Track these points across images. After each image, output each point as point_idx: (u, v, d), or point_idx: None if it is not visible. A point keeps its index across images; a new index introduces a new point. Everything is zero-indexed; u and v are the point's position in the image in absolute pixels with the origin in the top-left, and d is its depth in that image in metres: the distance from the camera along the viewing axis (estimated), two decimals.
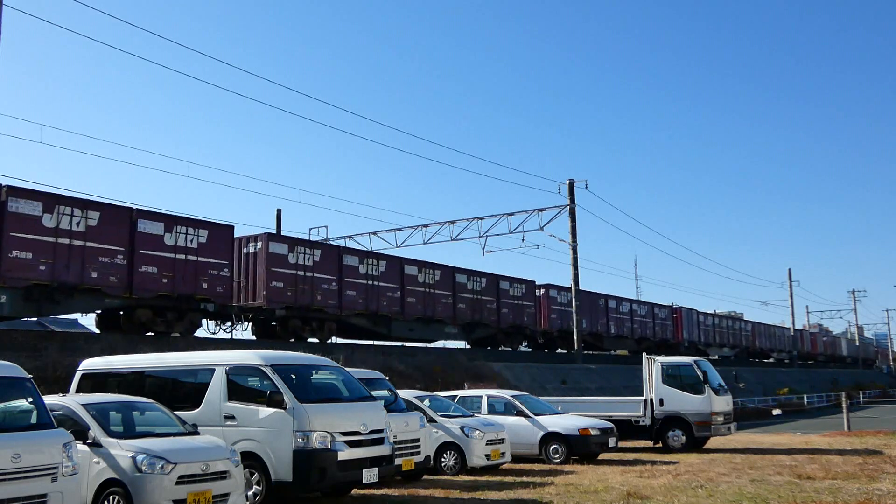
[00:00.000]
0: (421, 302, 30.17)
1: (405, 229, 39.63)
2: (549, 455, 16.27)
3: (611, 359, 42.91)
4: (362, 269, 27.63)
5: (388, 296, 28.59)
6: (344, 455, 10.12)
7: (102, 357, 12.70)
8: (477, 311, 33.42)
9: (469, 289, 33.09)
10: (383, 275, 28.54)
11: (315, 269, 25.67)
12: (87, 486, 8.46)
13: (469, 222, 38.45)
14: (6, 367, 8.00)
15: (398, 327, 29.18)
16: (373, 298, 27.86)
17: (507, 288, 35.79)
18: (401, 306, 29.10)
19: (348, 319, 27.03)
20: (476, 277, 33.86)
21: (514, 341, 37.18)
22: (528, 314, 37.08)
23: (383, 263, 28.75)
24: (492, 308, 34.50)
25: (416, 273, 30.05)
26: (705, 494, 11.42)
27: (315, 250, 26.02)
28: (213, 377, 10.72)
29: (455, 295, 32.15)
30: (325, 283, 25.99)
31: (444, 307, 31.50)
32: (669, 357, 21.27)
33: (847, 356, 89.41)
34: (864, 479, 13.04)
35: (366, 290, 27.58)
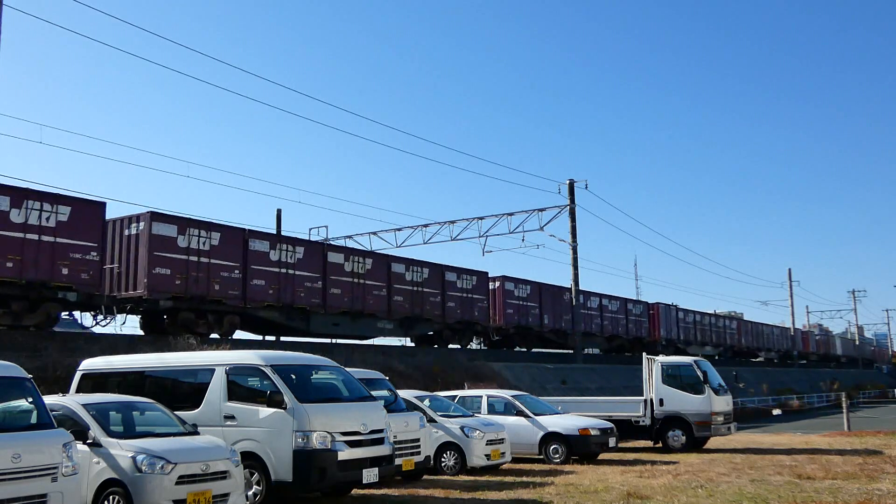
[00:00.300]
0: (348, 294, 26.96)
1: (405, 229, 39.67)
2: (549, 455, 16.28)
3: (611, 359, 42.87)
4: (274, 256, 24.54)
5: (307, 286, 25.45)
6: (344, 455, 10.12)
7: (102, 357, 12.70)
8: (417, 304, 30.07)
9: (408, 280, 29.83)
10: (301, 262, 25.44)
11: (213, 254, 22.62)
12: (87, 486, 8.46)
13: (469, 222, 38.48)
14: (6, 367, 8.00)
15: (319, 322, 26.20)
16: (286, 289, 24.76)
17: (453, 279, 32.50)
18: (322, 298, 25.99)
19: (255, 312, 24.10)
20: (417, 267, 30.65)
21: (462, 338, 33.83)
22: (479, 309, 33.83)
23: (301, 250, 25.68)
24: (436, 301, 31.15)
25: (341, 262, 27.04)
26: (705, 494, 11.42)
27: (213, 233, 22.81)
28: (213, 377, 10.72)
29: (391, 286, 28.92)
30: (226, 271, 22.93)
31: (377, 300, 28.30)
32: (669, 357, 21.28)
33: (842, 355, 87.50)
34: (864, 479, 13.04)
35: (278, 278, 24.47)
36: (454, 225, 38.75)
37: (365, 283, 27.79)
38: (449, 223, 38.81)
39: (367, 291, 27.87)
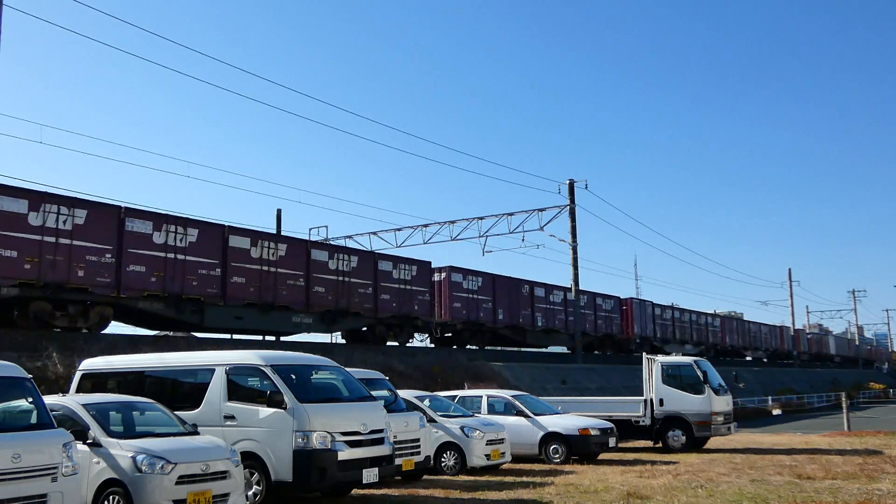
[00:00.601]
0: (255, 283, 23.66)
1: (405, 229, 39.67)
2: (549, 455, 16.28)
3: (611, 359, 42.81)
4: (159, 238, 21.10)
5: (202, 274, 22.14)
6: (344, 455, 10.12)
7: (102, 357, 12.71)
8: (343, 296, 26.59)
9: (332, 269, 26.34)
10: (194, 247, 21.96)
11: (76, 235, 19.47)
12: (87, 486, 8.47)
13: (469, 222, 38.48)
14: (6, 367, 8.00)
15: (216, 315, 22.85)
16: (175, 277, 21.40)
17: (388, 269, 28.86)
18: (221, 288, 22.65)
19: (133, 304, 20.88)
20: (343, 255, 27.17)
21: (400, 335, 30.10)
22: (420, 302, 30.04)
23: (194, 232, 22.07)
24: (366, 293, 27.56)
25: (246, 247, 23.58)
26: (705, 494, 11.42)
27: (77, 210, 19.61)
28: (213, 377, 10.73)
29: (310, 276, 25.46)
30: (93, 255, 19.80)
31: (293, 291, 24.88)
32: (670, 357, 21.29)
33: (836, 355, 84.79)
34: (864, 479, 13.05)
35: (164, 265, 21.14)
36: (454, 225, 38.77)
37: (277, 272, 24.36)
38: (449, 223, 38.83)
39: (280, 281, 24.46)
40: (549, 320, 38.42)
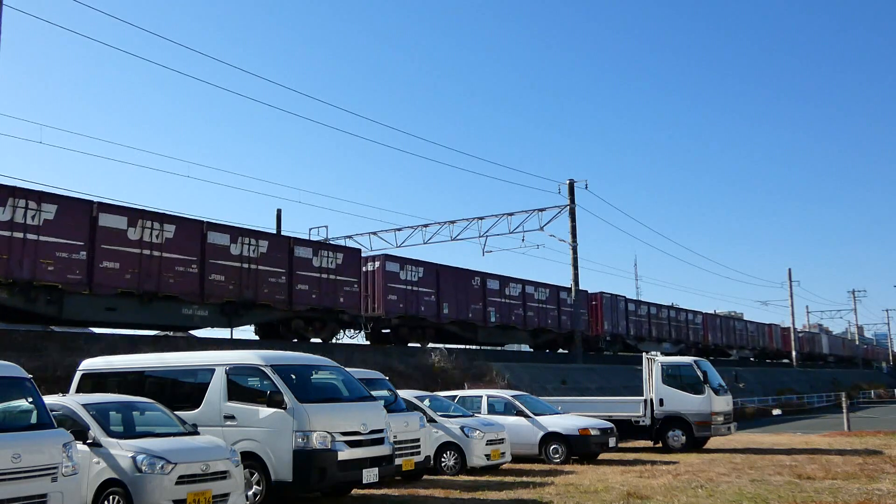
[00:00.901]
0: (134, 270, 20.30)
1: (405, 229, 39.67)
2: (549, 455, 16.28)
3: (611, 359, 42.78)
4: (3, 215, 17.95)
5: (60, 257, 18.84)
6: (344, 455, 10.12)
7: (102, 357, 12.71)
8: (248, 286, 23.22)
9: (234, 255, 22.92)
10: (51, 226, 18.68)
11: None
12: (87, 486, 8.47)
13: (469, 222, 38.48)
14: (6, 367, 8.00)
15: (80, 306, 19.58)
16: (24, 261, 18.21)
17: (307, 256, 25.34)
18: (87, 275, 19.31)
19: None
20: (249, 239, 23.49)
21: (323, 330, 26.50)
22: (347, 294, 26.37)
23: (52, 209, 18.77)
24: (278, 283, 24.11)
25: (123, 227, 20.17)
26: (705, 494, 11.42)
27: None
28: (213, 377, 10.73)
29: (205, 262, 22.02)
30: None
31: (183, 280, 21.39)
32: (669, 357, 21.29)
33: (829, 354, 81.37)
34: (864, 479, 13.05)
35: (9, 247, 17.93)
36: (454, 225, 38.77)
37: (162, 258, 20.87)
38: (449, 223, 38.82)
39: (167, 268, 21.01)
40: (504, 316, 34.92)
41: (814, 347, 76.37)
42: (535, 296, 37.38)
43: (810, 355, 74.45)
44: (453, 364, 27.22)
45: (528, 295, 36.85)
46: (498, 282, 34.86)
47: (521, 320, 36.26)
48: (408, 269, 29.86)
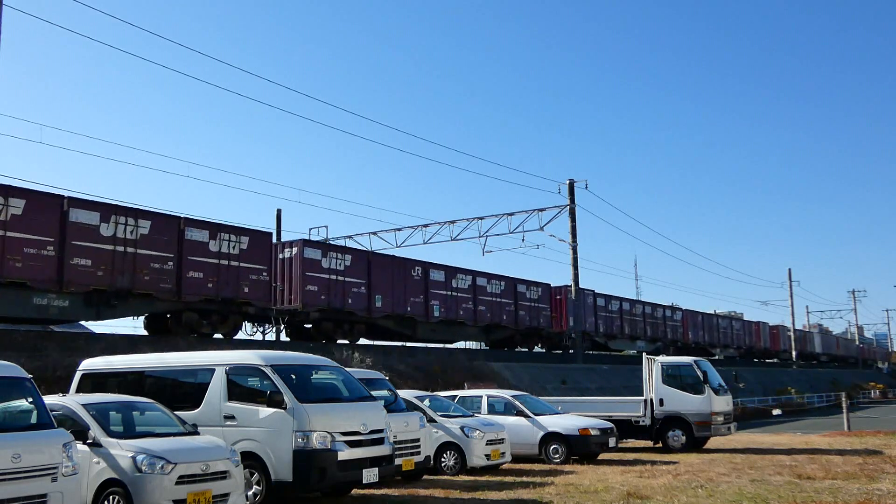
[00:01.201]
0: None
1: (405, 229, 39.67)
2: (549, 455, 16.27)
3: (611, 359, 42.78)
4: None
5: None
6: (344, 455, 10.12)
7: (102, 357, 12.71)
8: (125, 272, 20.10)
9: (108, 236, 19.80)
10: None
11: None
12: (87, 486, 8.46)
13: (469, 222, 38.48)
14: (6, 367, 8.00)
15: None
16: None
17: (202, 240, 22.08)
18: None
19: None
20: (126, 218, 20.30)
21: (222, 324, 23.53)
22: (254, 284, 23.30)
23: None
24: (165, 270, 21.04)
25: None
26: (705, 494, 11.42)
27: None
28: (213, 377, 10.72)
29: (66, 245, 18.88)
30: None
31: (36, 263, 18.36)
32: (669, 357, 21.29)
33: (823, 353, 78.05)
34: (864, 479, 13.04)
35: None
36: (454, 225, 38.77)
37: (6, 237, 17.88)
38: (449, 223, 38.82)
39: (13, 250, 18.02)
40: (449, 310, 31.70)
41: (805, 346, 72.59)
42: (488, 289, 34.22)
43: (802, 354, 71.21)
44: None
45: (480, 287, 33.83)
46: (443, 272, 31.61)
47: (472, 315, 33.17)
48: (332, 257, 26.55)
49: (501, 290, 35.33)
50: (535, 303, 37.87)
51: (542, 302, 38.17)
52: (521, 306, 36.67)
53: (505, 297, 35.55)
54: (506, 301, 35.43)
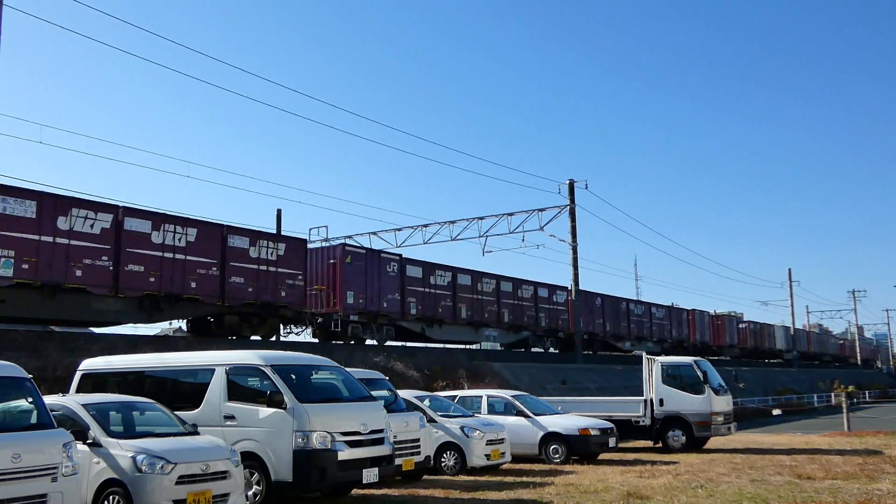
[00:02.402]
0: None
1: (405, 229, 39.66)
2: (549, 455, 16.27)
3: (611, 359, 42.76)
4: None
5: None
6: (344, 455, 10.12)
7: (102, 357, 12.70)
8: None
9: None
10: None
11: None
12: (87, 486, 8.46)
13: (469, 222, 38.48)
14: (6, 367, 8.00)
15: None
16: None
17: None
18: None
19: None
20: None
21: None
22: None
23: None
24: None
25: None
26: (705, 494, 11.42)
27: None
28: (213, 377, 10.72)
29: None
30: None
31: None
32: (669, 357, 21.28)
33: (786, 350, 68.69)
34: (864, 479, 13.04)
35: None
36: (454, 225, 38.76)
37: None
38: (449, 223, 38.82)
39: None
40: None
41: (759, 342, 62.07)
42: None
43: (755, 352, 61.85)
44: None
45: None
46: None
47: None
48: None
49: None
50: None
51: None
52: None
53: (439, 287, 33.39)
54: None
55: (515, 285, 36.93)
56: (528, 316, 37.72)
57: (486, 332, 35.22)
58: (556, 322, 39.50)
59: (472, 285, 34.06)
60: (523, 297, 37.36)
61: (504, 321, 35.83)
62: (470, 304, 33.74)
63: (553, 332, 39.38)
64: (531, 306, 37.89)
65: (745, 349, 59.92)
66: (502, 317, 35.75)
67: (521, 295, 37.23)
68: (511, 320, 36.33)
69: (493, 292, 35.07)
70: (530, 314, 37.82)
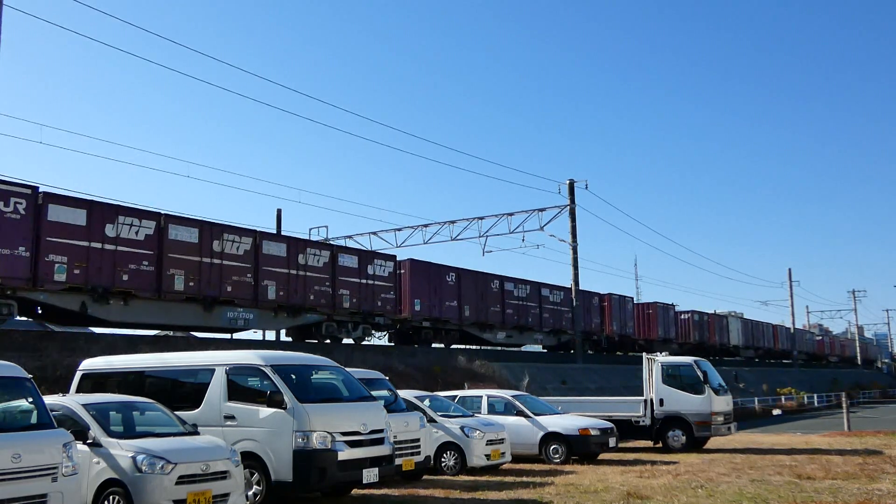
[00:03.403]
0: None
1: (405, 229, 39.67)
2: (549, 455, 16.27)
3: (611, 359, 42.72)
4: None
5: None
6: (344, 455, 10.11)
7: (102, 357, 12.70)
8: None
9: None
10: None
11: None
12: (87, 486, 8.46)
13: (469, 222, 38.47)
14: (6, 367, 8.00)
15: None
16: None
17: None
18: None
19: None
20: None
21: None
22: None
23: None
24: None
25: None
26: (705, 494, 11.42)
27: None
28: (213, 377, 10.72)
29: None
30: None
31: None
32: (669, 357, 21.27)
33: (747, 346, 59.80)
34: (864, 479, 13.04)
35: None
36: (454, 225, 38.76)
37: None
38: (449, 223, 38.81)
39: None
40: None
41: (704, 335, 53.17)
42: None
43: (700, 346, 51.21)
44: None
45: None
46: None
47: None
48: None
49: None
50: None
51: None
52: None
53: (563, 304, 39.10)
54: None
55: None
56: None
57: None
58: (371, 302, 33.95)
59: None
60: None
61: None
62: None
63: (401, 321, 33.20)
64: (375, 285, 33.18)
65: (688, 345, 49.84)
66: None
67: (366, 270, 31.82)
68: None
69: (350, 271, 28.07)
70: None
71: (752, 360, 58.76)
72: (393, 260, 29.06)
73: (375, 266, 27.84)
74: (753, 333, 61.67)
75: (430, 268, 31.07)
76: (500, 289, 34.68)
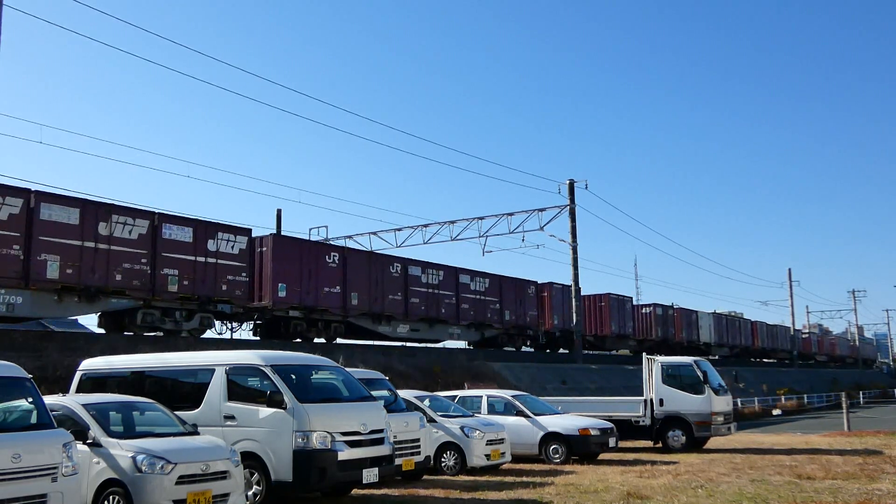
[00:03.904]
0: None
1: (405, 229, 39.64)
2: (549, 455, 16.27)
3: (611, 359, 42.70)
4: None
5: None
6: (344, 455, 10.11)
7: (102, 357, 12.70)
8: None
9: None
10: None
11: None
12: (87, 486, 8.46)
13: (469, 222, 38.45)
14: (6, 367, 8.00)
15: None
16: None
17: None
18: None
19: None
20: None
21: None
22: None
23: None
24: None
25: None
26: (705, 494, 11.42)
27: None
28: (213, 377, 10.72)
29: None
30: None
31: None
32: (669, 357, 21.29)
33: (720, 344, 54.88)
34: (864, 479, 13.04)
35: None
36: (454, 225, 38.74)
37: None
38: (449, 223, 38.79)
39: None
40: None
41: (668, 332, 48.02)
42: None
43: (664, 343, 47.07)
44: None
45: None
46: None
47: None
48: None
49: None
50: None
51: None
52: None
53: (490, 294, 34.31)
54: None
55: None
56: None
57: None
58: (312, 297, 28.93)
59: None
60: None
61: None
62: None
63: None
64: None
65: (649, 341, 45.60)
66: None
67: None
68: None
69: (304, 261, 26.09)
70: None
71: (727, 359, 54.28)
72: (247, 235, 23.47)
73: (219, 241, 22.36)
74: (728, 330, 56.89)
75: (303, 246, 26.14)
76: (402, 273, 29.28)
